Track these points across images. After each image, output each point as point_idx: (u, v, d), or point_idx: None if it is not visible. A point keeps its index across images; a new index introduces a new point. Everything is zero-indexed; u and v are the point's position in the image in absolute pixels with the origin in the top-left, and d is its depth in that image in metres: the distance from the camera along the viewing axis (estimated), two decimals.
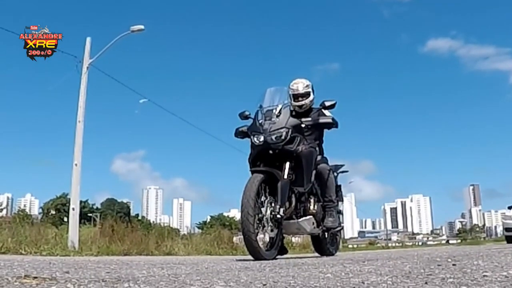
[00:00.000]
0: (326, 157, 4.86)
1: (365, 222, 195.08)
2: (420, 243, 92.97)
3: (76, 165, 9.64)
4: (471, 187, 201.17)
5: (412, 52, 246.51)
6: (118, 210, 60.03)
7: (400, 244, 78.27)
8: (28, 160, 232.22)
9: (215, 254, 9.19)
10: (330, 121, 4.46)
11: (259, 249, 3.75)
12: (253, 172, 4.00)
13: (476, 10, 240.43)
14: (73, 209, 9.47)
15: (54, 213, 57.99)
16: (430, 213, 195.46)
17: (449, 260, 2.68)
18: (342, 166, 5.47)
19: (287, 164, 4.04)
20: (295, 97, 4.67)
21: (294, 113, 4.47)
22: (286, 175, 4.00)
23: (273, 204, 3.95)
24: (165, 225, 17.97)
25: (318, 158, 4.58)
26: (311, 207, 4.45)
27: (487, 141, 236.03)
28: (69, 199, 11.20)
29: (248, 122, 4.41)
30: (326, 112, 4.56)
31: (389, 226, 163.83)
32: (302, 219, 4.34)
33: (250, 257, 3.83)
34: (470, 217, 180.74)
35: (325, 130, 4.75)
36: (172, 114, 47.24)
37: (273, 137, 4.01)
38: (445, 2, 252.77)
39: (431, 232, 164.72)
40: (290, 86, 4.73)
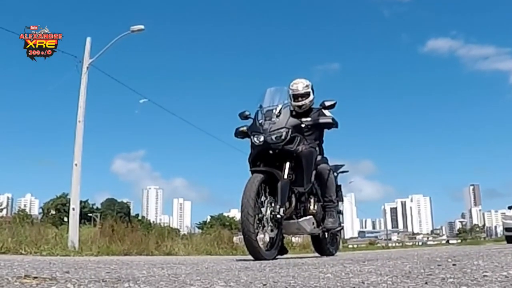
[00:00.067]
0: (326, 157, 4.86)
1: (365, 222, 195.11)
2: (420, 243, 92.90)
3: (76, 165, 9.64)
4: (471, 187, 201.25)
5: (412, 52, 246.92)
6: (118, 210, 60.07)
7: (400, 244, 78.26)
8: (28, 160, 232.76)
9: (215, 254, 9.19)
10: (330, 121, 4.46)
11: (259, 249, 3.75)
12: (253, 172, 4.01)
13: (476, 10, 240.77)
14: (73, 209, 9.47)
15: (54, 213, 57.99)
16: (430, 213, 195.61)
17: (449, 260, 2.68)
18: (342, 166, 5.47)
19: (287, 164, 4.04)
20: (295, 97, 4.67)
21: (294, 113, 4.47)
22: (286, 175, 4.00)
23: (273, 204, 3.95)
24: (165, 225, 17.93)
25: (318, 158, 4.58)
26: (311, 207, 4.45)
27: (487, 141, 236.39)
28: (69, 199, 11.20)
29: (248, 122, 4.41)
30: (326, 112, 4.55)
31: (389, 226, 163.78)
32: (302, 219, 4.34)
33: (250, 257, 3.83)
34: (470, 217, 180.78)
35: (325, 130, 4.76)
36: (172, 114, 47.39)
37: (273, 137, 4.01)
38: (445, 2, 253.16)
39: (431, 232, 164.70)
40: (290, 86, 4.72)
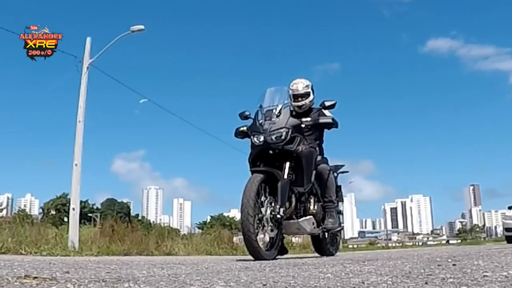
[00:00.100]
0: (326, 157, 4.86)
1: (365, 222, 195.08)
2: (420, 243, 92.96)
3: (76, 165, 9.64)
4: (471, 187, 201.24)
5: (412, 52, 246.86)
6: (118, 210, 60.05)
7: (400, 244, 78.33)
8: (28, 160, 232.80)
9: (215, 254, 9.19)
10: (330, 121, 4.46)
11: (259, 249, 3.76)
12: (253, 172, 4.01)
13: (476, 10, 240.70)
14: (73, 209, 9.47)
15: (54, 213, 57.98)
16: (430, 213, 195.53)
17: (449, 260, 2.68)
18: (342, 166, 5.47)
19: (287, 164, 4.04)
20: (295, 97, 4.67)
21: (294, 113, 4.47)
22: (286, 175, 4.00)
23: (273, 204, 3.95)
24: (165, 225, 17.93)
25: (318, 158, 4.58)
26: (311, 207, 4.45)
27: (487, 141, 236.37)
28: (69, 199, 11.20)
29: (248, 122, 4.41)
30: (326, 112, 4.55)
31: (389, 226, 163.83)
32: (302, 219, 4.34)
33: (250, 257, 3.83)
34: (470, 217, 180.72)
35: (325, 130, 4.76)
36: (172, 114, 47.25)
37: (273, 137, 4.01)
38: (445, 2, 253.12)
39: (431, 232, 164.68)
40: (290, 86, 4.72)
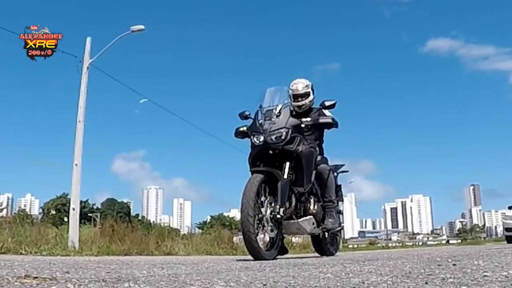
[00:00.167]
0: (326, 157, 4.86)
1: (365, 222, 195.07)
2: (420, 243, 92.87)
3: (76, 165, 9.64)
4: (471, 187, 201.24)
5: (412, 52, 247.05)
6: (118, 210, 60.05)
7: (400, 244, 78.25)
8: (28, 160, 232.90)
9: (215, 254, 9.18)
10: (330, 121, 4.46)
11: (259, 249, 3.75)
12: (253, 172, 4.00)
13: (476, 10, 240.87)
14: (73, 209, 9.47)
15: (54, 213, 57.95)
16: (430, 213, 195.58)
17: (449, 260, 2.68)
18: (342, 166, 5.47)
19: (287, 164, 4.04)
20: (295, 97, 4.67)
21: (294, 113, 4.47)
22: (286, 175, 4.00)
23: (273, 204, 3.95)
24: (165, 225, 17.93)
25: (318, 158, 4.58)
26: (311, 207, 4.45)
27: (487, 141, 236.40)
28: (69, 199, 11.19)
29: (248, 122, 4.41)
30: (326, 112, 4.55)
31: (389, 226, 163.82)
32: (302, 219, 4.33)
33: (250, 257, 3.83)
34: (470, 217, 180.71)
35: (325, 130, 4.75)
36: (172, 114, 47.21)
37: (273, 137, 4.01)
38: (445, 2, 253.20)
39: (431, 232, 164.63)
40: (290, 86, 4.72)
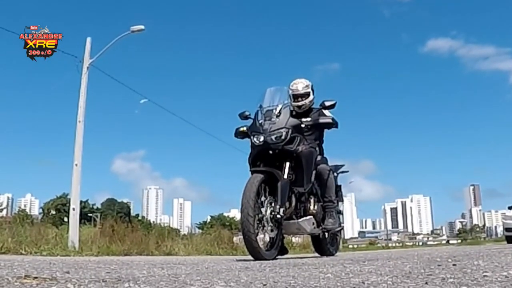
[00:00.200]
0: (326, 157, 4.86)
1: (365, 222, 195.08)
2: (420, 243, 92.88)
3: (76, 165, 9.64)
4: (471, 187, 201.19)
5: (412, 52, 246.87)
6: (118, 210, 60.04)
7: (400, 244, 78.24)
8: (28, 160, 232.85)
9: (215, 254, 9.18)
10: (330, 121, 4.46)
11: (259, 249, 3.75)
12: (253, 172, 4.00)
13: (476, 10, 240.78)
14: (73, 209, 9.47)
15: (54, 213, 57.94)
16: (430, 213, 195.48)
17: (449, 260, 2.68)
18: (342, 166, 5.47)
19: (287, 164, 4.04)
20: (295, 97, 4.67)
21: (294, 113, 4.47)
22: (286, 175, 4.00)
23: (273, 204, 3.95)
24: (165, 225, 17.94)
25: (318, 158, 4.58)
26: (311, 207, 4.45)
27: (487, 141, 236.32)
28: (69, 199, 11.19)
29: (248, 122, 4.41)
30: (326, 112, 4.55)
31: (389, 226, 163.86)
32: (302, 219, 4.33)
33: (250, 257, 3.83)
34: (471, 217, 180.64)
35: (325, 130, 4.75)
36: (172, 114, 47.18)
37: (273, 137, 4.01)
38: (445, 2, 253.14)
39: (431, 232, 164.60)
40: (290, 86, 4.72)
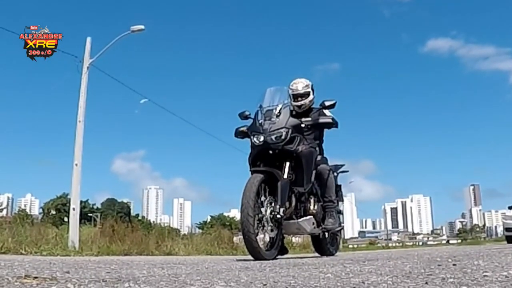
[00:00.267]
0: (326, 157, 4.86)
1: (365, 222, 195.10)
2: (420, 243, 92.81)
3: (76, 165, 9.63)
4: (471, 187, 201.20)
5: (412, 52, 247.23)
6: (118, 210, 60.04)
7: (400, 244, 78.14)
8: (28, 160, 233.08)
9: (216, 254, 9.18)
10: (330, 121, 4.45)
11: (259, 249, 3.75)
12: (253, 172, 4.00)
13: (476, 10, 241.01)
14: (73, 209, 9.46)
15: (54, 213, 57.91)
16: (431, 213, 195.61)
17: (449, 260, 2.68)
18: (342, 166, 5.47)
19: (287, 164, 4.04)
20: (295, 97, 4.67)
21: (294, 113, 4.47)
22: (286, 175, 4.00)
23: (273, 204, 3.95)
24: (165, 225, 17.94)
25: (318, 158, 4.58)
26: (311, 207, 4.45)
27: (487, 141, 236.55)
28: (69, 199, 11.19)
29: (248, 122, 4.41)
30: (326, 112, 4.55)
31: (389, 226, 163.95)
32: (302, 219, 4.33)
33: (250, 257, 3.83)
34: (471, 217, 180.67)
35: (325, 130, 4.75)
36: (172, 114, 47.12)
37: (273, 137, 4.00)
38: (445, 2, 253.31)
39: (432, 232, 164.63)
40: (290, 86, 4.72)
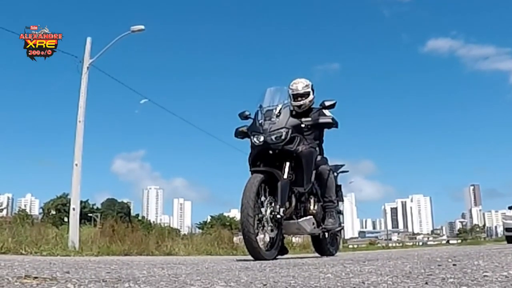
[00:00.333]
0: (326, 157, 4.86)
1: (365, 222, 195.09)
2: (420, 243, 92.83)
3: (76, 165, 9.63)
4: (471, 187, 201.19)
5: (412, 52, 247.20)
6: (118, 210, 60.01)
7: (400, 244, 78.10)
8: (28, 160, 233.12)
9: (216, 254, 9.18)
10: (330, 121, 4.45)
11: (259, 249, 3.75)
12: (253, 172, 4.00)
13: (476, 10, 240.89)
14: (73, 209, 9.46)
15: (54, 213, 57.90)
16: (431, 213, 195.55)
17: (449, 260, 2.68)
18: (342, 166, 5.47)
19: (287, 164, 4.04)
20: (295, 97, 4.67)
21: (294, 113, 4.47)
22: (286, 175, 4.00)
23: (273, 204, 3.95)
24: (165, 225, 17.96)
25: (318, 158, 4.58)
26: (311, 207, 4.45)
27: (487, 141, 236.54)
28: (69, 199, 11.19)
29: (248, 122, 4.41)
30: (326, 112, 4.55)
31: (389, 226, 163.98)
32: (302, 219, 4.33)
33: (250, 257, 3.83)
34: (471, 217, 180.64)
35: (325, 130, 4.75)
36: (172, 114, 47.10)
37: (273, 137, 4.00)
38: (445, 2, 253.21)
39: (432, 232, 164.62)
40: (290, 86, 4.72)
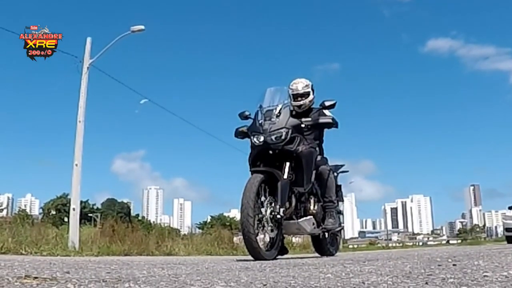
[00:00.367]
0: (326, 157, 4.86)
1: (365, 222, 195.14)
2: (420, 243, 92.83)
3: (76, 165, 9.63)
4: (472, 187, 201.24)
5: (412, 52, 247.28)
6: (118, 210, 59.99)
7: (400, 244, 78.06)
8: (28, 160, 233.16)
9: (216, 254, 9.19)
10: (330, 121, 4.45)
11: (259, 249, 3.75)
12: (253, 172, 4.00)
13: (476, 10, 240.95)
14: (73, 209, 9.46)
15: (54, 213, 57.91)
16: (431, 213, 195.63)
17: (449, 260, 2.68)
18: (342, 166, 5.47)
19: (287, 164, 4.04)
20: (295, 97, 4.67)
21: (294, 113, 4.47)
22: (286, 175, 4.00)
23: (273, 204, 3.95)
24: (165, 225, 17.95)
25: (318, 158, 4.58)
26: (311, 207, 4.45)
27: (487, 141, 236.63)
28: (69, 199, 11.19)
29: (248, 122, 4.40)
30: (326, 112, 4.55)
31: (389, 226, 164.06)
32: (302, 220, 4.33)
33: (250, 257, 3.83)
34: (471, 217, 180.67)
35: (325, 130, 4.75)
36: (172, 114, 46.98)
37: (273, 137, 4.00)
38: (445, 2, 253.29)
39: (432, 232, 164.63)
40: (290, 86, 4.72)
